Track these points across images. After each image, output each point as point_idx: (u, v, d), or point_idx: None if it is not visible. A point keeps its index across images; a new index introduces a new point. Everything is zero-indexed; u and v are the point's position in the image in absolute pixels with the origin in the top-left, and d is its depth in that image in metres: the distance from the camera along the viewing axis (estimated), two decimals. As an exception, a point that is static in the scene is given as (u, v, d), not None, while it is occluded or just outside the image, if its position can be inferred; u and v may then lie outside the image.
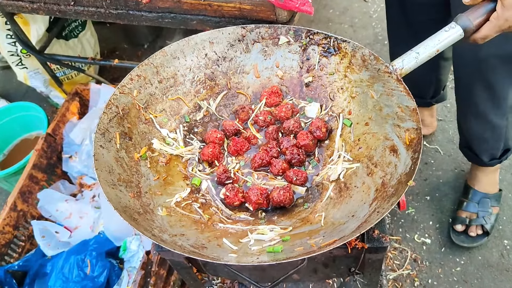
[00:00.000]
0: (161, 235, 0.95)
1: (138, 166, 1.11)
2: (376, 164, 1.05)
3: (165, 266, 1.65)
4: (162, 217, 1.03)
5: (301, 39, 1.24)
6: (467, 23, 1.02)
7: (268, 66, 1.29)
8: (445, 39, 1.04)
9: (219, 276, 1.69)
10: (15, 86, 2.85)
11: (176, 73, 1.25)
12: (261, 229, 1.02)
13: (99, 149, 1.05)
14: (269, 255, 0.92)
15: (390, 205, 0.90)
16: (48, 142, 2.05)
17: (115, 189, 1.01)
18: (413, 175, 0.93)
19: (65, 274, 1.72)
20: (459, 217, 1.95)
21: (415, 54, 1.05)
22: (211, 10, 1.37)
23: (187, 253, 0.88)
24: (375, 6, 2.98)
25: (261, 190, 1.09)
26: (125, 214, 0.95)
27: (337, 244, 0.86)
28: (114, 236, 1.81)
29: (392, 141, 1.04)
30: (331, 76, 1.22)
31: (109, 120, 1.11)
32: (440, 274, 1.92)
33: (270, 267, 1.12)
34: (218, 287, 1.72)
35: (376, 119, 1.11)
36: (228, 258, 0.91)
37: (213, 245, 0.97)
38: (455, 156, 2.23)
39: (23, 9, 1.61)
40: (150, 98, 1.21)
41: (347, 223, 0.96)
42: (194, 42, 1.25)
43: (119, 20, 1.52)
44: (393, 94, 1.08)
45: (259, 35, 1.26)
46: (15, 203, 1.87)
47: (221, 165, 1.16)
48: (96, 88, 2.17)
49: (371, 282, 1.20)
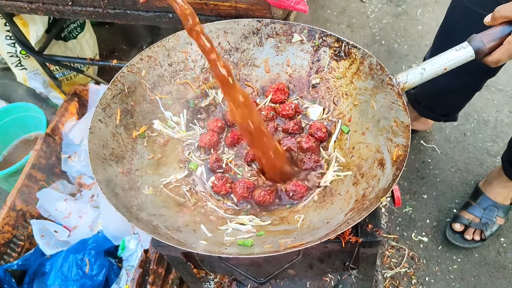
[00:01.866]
0: (138, 213, 0.97)
1: (135, 143, 1.13)
2: (363, 175, 1.05)
3: (163, 264, 1.65)
4: (146, 195, 1.05)
5: (314, 39, 1.24)
6: (480, 45, 0.99)
7: (279, 62, 1.30)
8: (454, 58, 1.02)
9: (216, 272, 1.70)
10: (14, 87, 2.86)
11: (187, 58, 1.26)
12: (240, 219, 1.04)
13: (96, 123, 1.06)
14: (238, 247, 0.94)
15: (359, 217, 0.90)
16: (47, 142, 2.06)
17: (105, 163, 1.03)
18: (389, 191, 0.93)
19: (64, 273, 1.73)
20: (461, 217, 1.95)
21: (421, 70, 1.04)
22: (207, 9, 1.38)
23: (157, 235, 0.89)
24: (372, 6, 2.99)
25: (248, 184, 1.11)
26: (106, 188, 0.96)
27: (301, 247, 0.87)
28: (113, 235, 1.81)
29: (382, 154, 1.04)
30: (338, 81, 1.22)
31: (113, 96, 1.12)
32: (437, 272, 1.93)
33: (265, 262, 1.13)
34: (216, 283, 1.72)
35: (372, 130, 1.11)
36: (197, 245, 0.92)
37: (189, 229, 0.99)
38: (451, 155, 2.24)
39: (21, 9, 1.62)
40: (158, 79, 1.23)
41: (320, 228, 0.96)
42: (209, 29, 1.26)
43: (116, 20, 1.53)
44: (392, 107, 1.07)
45: (274, 30, 1.27)
46: (14, 202, 1.88)
47: (215, 153, 1.18)
48: (95, 88, 2.18)
49: (366, 277, 1.21)
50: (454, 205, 2.09)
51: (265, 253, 0.87)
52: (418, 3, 2.96)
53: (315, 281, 1.63)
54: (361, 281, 1.24)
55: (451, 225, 1.96)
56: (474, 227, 1.91)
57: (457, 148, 2.26)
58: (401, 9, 2.95)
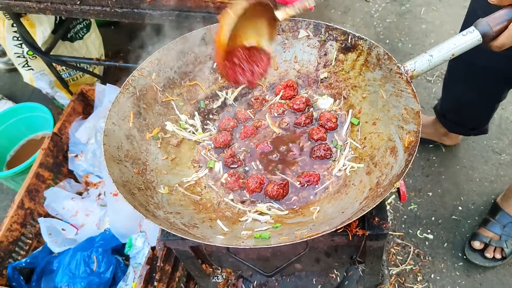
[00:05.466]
0: (155, 211, 0.98)
1: (149, 145, 1.15)
2: (376, 164, 1.06)
3: (170, 262, 1.66)
4: (162, 195, 1.07)
5: (321, 34, 1.25)
6: (487, 29, 0.98)
7: (286, 58, 1.31)
8: (462, 43, 1.00)
9: (224, 267, 1.71)
10: (21, 88, 2.89)
11: (196, 59, 1.27)
12: (259, 207, 1.05)
13: (111, 126, 1.08)
14: (256, 240, 0.95)
15: (374, 203, 0.90)
16: (54, 142, 2.08)
17: (120, 164, 1.05)
18: (402, 176, 0.94)
19: (71, 270, 1.74)
20: (480, 235, 1.89)
21: (429, 57, 1.03)
22: (214, 7, 1.40)
23: (174, 231, 0.91)
24: (376, 5, 3.00)
25: (261, 180, 1.13)
26: (123, 188, 0.98)
27: (318, 235, 0.87)
28: (120, 233, 1.83)
29: (394, 142, 1.05)
30: (347, 73, 1.23)
31: (125, 100, 1.14)
32: (443, 269, 1.93)
33: (273, 256, 1.14)
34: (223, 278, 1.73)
35: (383, 119, 1.12)
36: (215, 240, 0.93)
37: (206, 226, 1.00)
38: (456, 152, 2.24)
39: (30, 9, 1.64)
40: (168, 81, 1.24)
41: (335, 218, 0.97)
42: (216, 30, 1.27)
43: (124, 19, 1.55)
44: (401, 95, 1.08)
45: (280, 27, 1.27)
46: (23, 201, 1.89)
47: (229, 149, 1.19)
48: (101, 88, 2.19)
49: (372, 271, 1.22)
50: (459, 202, 2.09)
51: (282, 243, 0.88)
52: (422, 2, 2.97)
53: (321, 277, 1.64)
54: (368, 275, 1.25)
55: (470, 243, 1.90)
56: (495, 245, 1.85)
57: (461, 146, 2.26)
58: (405, 8, 2.96)
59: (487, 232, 1.88)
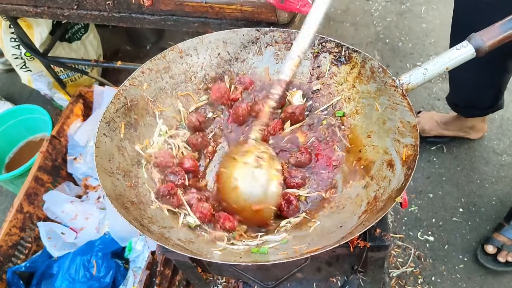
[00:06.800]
0: (149, 226, 0.96)
1: (140, 156, 1.13)
2: (372, 177, 1.05)
3: (170, 266, 1.66)
4: (156, 209, 1.04)
5: (314, 46, 1.23)
6: (480, 43, 0.99)
7: (279, 70, 1.28)
8: (456, 57, 1.01)
9: (224, 276, 1.70)
10: (19, 89, 2.87)
11: (187, 69, 1.25)
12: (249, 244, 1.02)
13: (102, 137, 1.06)
14: (253, 255, 0.94)
15: (375, 219, 0.89)
16: (52, 144, 2.07)
17: (112, 177, 1.02)
18: (403, 191, 0.93)
19: (71, 275, 1.74)
20: (494, 239, 1.89)
21: (423, 70, 1.03)
22: (213, 12, 1.38)
23: (171, 246, 0.89)
24: (376, 4, 2.98)
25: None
26: (117, 202, 0.96)
27: (318, 251, 0.86)
28: (120, 236, 1.82)
29: (390, 156, 1.04)
30: (340, 86, 1.21)
31: (116, 110, 1.12)
32: (443, 271, 1.93)
33: (273, 266, 1.13)
34: (223, 286, 1.73)
35: (378, 132, 1.10)
36: (212, 256, 0.92)
37: (201, 241, 0.99)
38: (457, 153, 2.24)
39: (27, 13, 1.63)
40: (160, 92, 1.22)
41: (334, 233, 0.96)
42: (208, 40, 1.25)
43: (122, 23, 1.54)
44: (397, 109, 1.06)
45: (273, 38, 1.25)
46: (22, 205, 1.89)
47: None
48: (99, 90, 2.18)
49: (374, 280, 1.21)
50: (460, 204, 2.09)
51: (282, 260, 0.87)
52: (422, 1, 2.95)
53: (322, 282, 1.63)
54: (368, 284, 1.25)
55: (483, 247, 1.90)
56: (507, 249, 1.86)
57: (462, 147, 2.25)
58: (405, 7, 2.94)
59: (501, 236, 1.89)
